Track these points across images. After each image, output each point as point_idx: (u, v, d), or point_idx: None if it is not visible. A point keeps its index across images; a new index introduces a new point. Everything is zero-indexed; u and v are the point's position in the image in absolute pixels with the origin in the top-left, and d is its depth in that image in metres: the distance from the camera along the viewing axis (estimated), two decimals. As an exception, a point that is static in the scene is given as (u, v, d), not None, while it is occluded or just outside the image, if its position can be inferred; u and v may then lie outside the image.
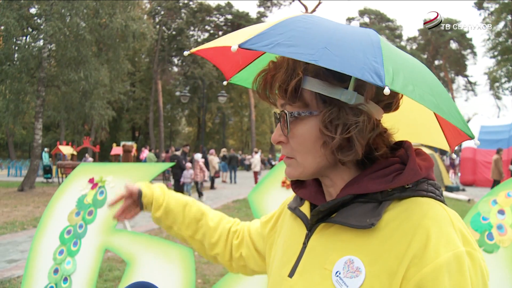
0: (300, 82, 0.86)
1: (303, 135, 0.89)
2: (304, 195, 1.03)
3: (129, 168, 3.06)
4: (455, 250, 0.76)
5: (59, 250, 2.76)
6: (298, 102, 0.88)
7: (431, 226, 0.79)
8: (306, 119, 0.89)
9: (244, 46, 0.75)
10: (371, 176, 0.88)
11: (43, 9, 17.41)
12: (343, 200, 0.89)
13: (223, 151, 25.58)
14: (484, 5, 40.82)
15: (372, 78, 0.70)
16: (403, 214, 0.83)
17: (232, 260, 1.37)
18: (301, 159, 0.92)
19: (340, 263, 0.85)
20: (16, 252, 7.26)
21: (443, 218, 0.81)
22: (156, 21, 44.23)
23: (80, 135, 34.94)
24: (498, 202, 2.68)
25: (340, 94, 0.84)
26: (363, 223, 0.83)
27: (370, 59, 0.74)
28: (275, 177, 3.28)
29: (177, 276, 2.60)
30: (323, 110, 0.86)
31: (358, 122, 0.84)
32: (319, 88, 0.86)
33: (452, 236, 0.78)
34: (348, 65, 0.72)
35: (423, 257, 0.76)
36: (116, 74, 22.37)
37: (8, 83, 17.80)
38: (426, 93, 0.78)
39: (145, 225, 9.95)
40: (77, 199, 2.88)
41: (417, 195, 0.86)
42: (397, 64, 0.78)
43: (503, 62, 38.78)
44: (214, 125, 51.70)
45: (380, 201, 0.86)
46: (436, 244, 0.77)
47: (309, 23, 0.83)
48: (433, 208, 0.83)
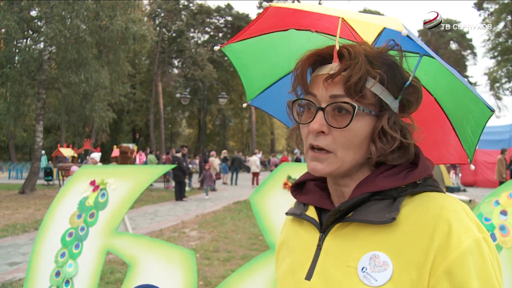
0: (365, 81, 0.90)
1: (357, 130, 0.91)
2: (308, 201, 1.06)
3: (130, 170, 3.06)
4: (474, 236, 0.82)
5: (60, 252, 2.75)
6: (364, 99, 0.90)
7: (451, 217, 0.84)
8: (365, 116, 0.92)
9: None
10: (385, 174, 0.93)
11: (44, 11, 17.43)
12: (361, 198, 0.92)
13: (223, 153, 25.57)
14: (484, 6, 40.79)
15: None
16: (419, 208, 0.88)
17: None
18: (342, 153, 0.92)
19: (365, 259, 0.87)
20: (17, 255, 7.26)
21: (459, 209, 0.86)
22: (156, 23, 44.26)
23: (80, 137, 34.97)
24: (501, 203, 2.67)
25: (392, 102, 0.93)
26: (383, 218, 0.87)
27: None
28: (277, 179, 3.28)
29: (179, 278, 2.60)
30: (381, 113, 0.92)
31: (409, 128, 0.94)
32: (382, 92, 0.92)
33: (469, 225, 0.84)
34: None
35: (448, 245, 0.81)
36: (116, 76, 22.39)
37: (8, 86, 17.82)
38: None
39: (147, 227, 9.95)
40: (78, 202, 2.88)
41: (427, 190, 0.91)
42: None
43: (503, 62, 38.77)
44: (214, 126, 51.69)
45: (395, 198, 0.91)
46: (458, 232, 0.82)
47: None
48: (448, 200, 0.88)
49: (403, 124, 0.94)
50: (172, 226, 10.11)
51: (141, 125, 48.00)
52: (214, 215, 12.03)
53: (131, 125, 48.91)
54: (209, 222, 10.83)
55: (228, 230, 9.74)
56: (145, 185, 2.92)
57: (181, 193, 15.49)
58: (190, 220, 11.13)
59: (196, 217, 11.56)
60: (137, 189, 2.89)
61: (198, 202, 15.03)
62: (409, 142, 0.93)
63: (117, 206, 2.83)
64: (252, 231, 9.50)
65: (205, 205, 14.21)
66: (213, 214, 12.25)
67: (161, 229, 9.67)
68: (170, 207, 13.74)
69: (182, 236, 8.99)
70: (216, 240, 8.66)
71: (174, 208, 13.36)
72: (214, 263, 6.80)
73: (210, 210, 13.02)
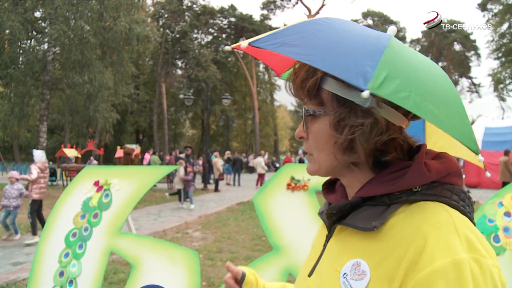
0: (317, 81, 0.89)
1: (318, 132, 0.92)
2: (330, 199, 1.05)
3: (134, 171, 3.06)
4: (453, 256, 0.73)
5: (64, 252, 2.76)
6: (315, 100, 0.91)
7: (429, 231, 0.77)
8: (322, 117, 0.91)
9: (253, 44, 0.80)
10: (379, 180, 0.88)
11: (48, 12, 17.51)
12: (351, 203, 0.90)
13: (227, 154, 25.58)
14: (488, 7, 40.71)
15: (355, 80, 0.72)
16: (406, 219, 0.82)
17: None
18: (317, 155, 0.95)
19: (348, 266, 0.86)
20: (21, 255, 7.29)
21: (445, 223, 0.78)
22: (160, 24, 44.35)
23: (84, 138, 35.03)
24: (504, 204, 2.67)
25: (356, 96, 0.84)
26: (368, 225, 0.84)
27: (364, 62, 0.75)
28: (280, 180, 3.28)
29: (182, 278, 2.60)
30: (338, 111, 0.88)
31: (363, 124, 0.85)
32: (336, 89, 0.87)
33: (452, 242, 0.75)
34: (337, 66, 0.74)
35: (419, 262, 0.75)
36: (120, 77, 22.47)
37: (13, 86, 17.91)
38: (427, 102, 0.77)
39: (150, 227, 9.96)
40: (82, 202, 2.89)
41: (426, 199, 0.84)
42: (398, 70, 0.77)
43: (507, 63, 38.66)
44: (218, 127, 51.75)
45: (388, 205, 0.86)
46: (432, 249, 0.74)
47: (324, 25, 0.86)
48: (437, 212, 0.81)
49: (356, 120, 0.85)
50: (175, 227, 10.12)
51: (144, 125, 48.08)
52: (218, 216, 12.04)
53: (135, 126, 48.99)
54: (212, 223, 10.84)
55: (231, 231, 9.75)
56: (149, 185, 2.93)
57: (184, 193, 15.49)
58: (194, 220, 11.14)
59: (200, 218, 11.56)
60: (141, 190, 2.90)
61: (201, 203, 15.04)
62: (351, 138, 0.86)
63: (120, 206, 2.84)
64: (256, 232, 9.50)
65: (208, 206, 14.22)
66: (216, 215, 12.25)
67: (165, 230, 9.68)
68: (173, 207, 13.75)
69: (186, 237, 8.99)
70: (219, 241, 8.66)
71: (178, 209, 13.38)
72: (217, 264, 6.80)
73: (213, 211, 13.03)
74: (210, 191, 19.67)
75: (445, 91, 0.85)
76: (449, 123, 0.80)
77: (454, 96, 0.88)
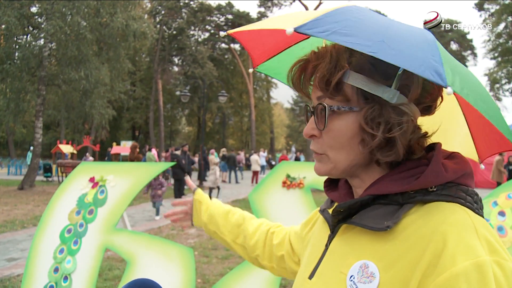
0: (343, 75, 0.84)
1: (340, 130, 0.86)
2: (333, 197, 1.00)
3: (129, 167, 3.06)
4: (476, 258, 0.69)
5: (59, 249, 2.76)
6: (339, 96, 0.85)
7: (449, 232, 0.73)
8: (345, 114, 0.85)
9: (300, 30, 0.72)
10: (393, 177, 0.85)
11: (44, 8, 17.42)
12: (361, 201, 0.86)
13: (222, 151, 25.58)
14: (485, 6, 40.77)
15: (433, 76, 0.66)
16: (422, 219, 0.78)
17: (272, 261, 1.37)
18: (334, 155, 0.88)
19: (355, 267, 0.82)
20: (16, 251, 7.27)
21: (465, 224, 0.75)
22: (156, 20, 44.19)
23: (80, 134, 34.95)
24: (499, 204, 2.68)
25: (383, 92, 0.81)
26: (380, 225, 0.80)
27: (428, 56, 0.70)
28: (276, 178, 3.29)
29: (177, 275, 2.61)
30: (365, 107, 0.83)
31: (401, 122, 0.81)
32: (362, 83, 0.83)
33: (473, 244, 0.71)
34: (407, 60, 0.69)
35: (438, 265, 0.71)
36: (116, 73, 22.39)
37: (8, 82, 17.82)
38: (478, 98, 0.75)
39: (145, 224, 9.96)
40: (77, 198, 2.89)
41: (441, 200, 0.80)
42: (452, 66, 0.74)
43: (503, 63, 38.74)
44: (214, 124, 51.68)
45: (401, 204, 0.83)
46: (453, 251, 0.71)
47: (362, 14, 0.81)
48: (455, 213, 0.77)
49: (391, 116, 0.81)
50: (170, 224, 10.11)
51: (140, 122, 47.96)
52: (213, 213, 12.02)
53: (131, 123, 48.86)
54: (208, 220, 10.82)
55: (226, 228, 9.74)
56: (144, 182, 2.93)
57: (180, 190, 15.48)
58: (189, 218, 11.12)
59: (195, 215, 11.54)
60: (136, 186, 2.90)
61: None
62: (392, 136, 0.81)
63: (116, 203, 2.84)
64: (251, 229, 9.50)
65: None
66: (212, 212, 12.24)
67: (160, 227, 9.67)
68: (169, 204, 13.74)
69: (181, 234, 8.99)
70: (214, 238, 8.64)
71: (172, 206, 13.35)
72: (212, 261, 6.80)
73: (209, 208, 13.01)
74: (205, 188, 19.65)
75: (481, 87, 0.84)
76: (497, 118, 0.79)
77: (488, 93, 0.85)
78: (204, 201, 1.56)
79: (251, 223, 1.44)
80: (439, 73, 0.67)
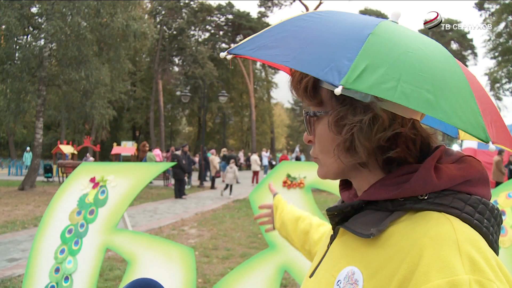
0: (312, 80, 0.84)
1: (321, 135, 0.86)
2: (344, 197, 0.98)
3: (130, 167, 3.06)
4: (451, 277, 0.64)
5: (60, 249, 2.76)
6: (315, 100, 0.85)
7: (426, 246, 0.69)
8: (323, 118, 0.85)
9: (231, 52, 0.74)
10: (385, 183, 0.81)
11: (44, 8, 17.41)
12: (352, 205, 0.85)
13: (223, 151, 25.59)
14: (485, 6, 40.75)
15: (329, 76, 0.66)
16: (406, 228, 0.75)
17: None
18: (323, 159, 0.89)
19: (343, 272, 0.81)
20: (17, 251, 7.27)
21: (447, 238, 0.69)
22: (157, 20, 44.19)
23: (80, 135, 34.98)
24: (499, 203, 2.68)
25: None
26: (366, 231, 0.78)
27: (342, 55, 0.69)
28: (276, 177, 3.29)
29: (178, 275, 2.61)
30: (335, 110, 0.81)
31: (360, 121, 0.77)
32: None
33: (450, 261, 0.66)
34: (313, 64, 0.69)
35: (412, 279, 0.67)
36: (117, 73, 22.38)
37: (9, 82, 17.81)
38: (421, 89, 0.68)
39: (146, 224, 9.96)
40: (78, 198, 2.89)
41: (432, 209, 0.76)
42: (384, 58, 0.70)
43: (503, 63, 38.73)
44: (214, 125, 51.66)
45: (391, 211, 0.79)
46: (428, 267, 0.67)
47: (309, 21, 0.80)
48: (439, 225, 0.72)
49: (354, 118, 0.78)
50: (171, 224, 10.12)
51: (141, 122, 47.97)
52: (214, 213, 12.04)
53: (131, 123, 48.88)
54: (209, 220, 10.84)
55: (227, 228, 9.75)
56: (145, 182, 2.93)
57: (181, 190, 15.50)
58: (190, 218, 11.14)
59: (196, 215, 11.56)
60: (137, 187, 2.90)
61: (198, 200, 15.04)
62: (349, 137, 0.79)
63: (116, 203, 2.84)
64: (251, 229, 9.51)
65: (204, 203, 14.22)
66: (212, 212, 12.26)
67: (161, 227, 9.68)
68: (169, 204, 13.74)
69: (181, 234, 9.00)
70: (215, 238, 8.66)
71: (174, 206, 13.37)
72: (213, 261, 6.81)
73: (209, 208, 13.03)
74: (206, 188, 19.67)
75: (446, 75, 0.74)
76: (451, 111, 0.70)
77: (458, 79, 0.76)
78: (279, 207, 1.65)
79: (318, 230, 1.46)
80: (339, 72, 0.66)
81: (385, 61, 0.70)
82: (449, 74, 0.75)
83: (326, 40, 0.74)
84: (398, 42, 0.75)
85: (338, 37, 0.74)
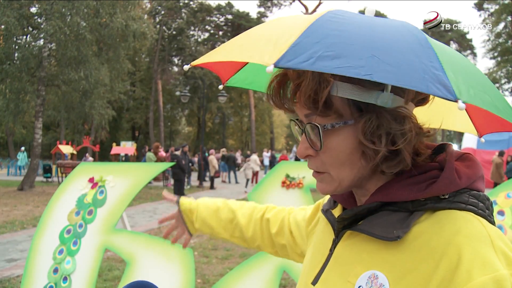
0: (330, 89, 0.75)
1: (338, 147, 0.79)
2: (337, 198, 0.96)
3: (129, 168, 3.06)
4: (494, 273, 0.66)
5: (59, 249, 2.76)
6: (329, 112, 0.77)
7: (464, 245, 0.69)
8: (340, 129, 0.78)
9: (280, 65, 0.62)
10: (402, 183, 0.79)
11: (44, 8, 17.40)
12: (368, 208, 0.82)
13: (222, 151, 25.58)
14: (484, 6, 40.82)
15: (440, 91, 0.61)
16: (434, 228, 0.74)
17: (275, 247, 1.37)
18: (336, 173, 0.82)
19: (363, 278, 0.78)
20: (15, 251, 7.26)
21: (480, 236, 0.70)
22: (156, 20, 44.22)
23: (80, 135, 34.94)
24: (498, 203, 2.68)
25: (376, 98, 0.73)
26: (389, 234, 0.76)
27: (427, 64, 0.64)
28: (275, 177, 3.29)
29: (177, 275, 2.61)
30: (360, 119, 0.76)
31: (404, 131, 0.74)
32: (352, 93, 0.75)
33: (490, 257, 0.67)
34: (407, 76, 0.62)
35: (453, 280, 0.67)
36: (116, 73, 22.39)
37: (8, 82, 17.80)
38: (481, 91, 0.69)
39: (145, 224, 9.96)
40: (77, 199, 2.89)
41: (453, 208, 0.76)
42: (449, 63, 0.67)
43: (503, 63, 38.82)
44: (214, 125, 51.68)
45: (411, 211, 0.78)
46: (469, 265, 0.67)
47: (340, 23, 0.71)
48: (469, 223, 0.72)
49: (392, 127, 0.74)
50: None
51: (140, 122, 47.98)
52: (213, 213, 12.03)
53: (131, 123, 48.89)
54: (208, 220, 10.82)
55: (226, 228, 9.74)
56: (144, 182, 2.93)
57: (180, 191, 15.48)
58: (189, 218, 11.13)
59: (195, 215, 11.55)
60: (136, 187, 2.90)
61: (197, 200, 15.03)
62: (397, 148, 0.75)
63: (115, 203, 2.84)
64: (251, 229, 9.50)
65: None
66: (211, 212, 12.24)
67: (160, 227, 9.67)
68: (169, 205, 13.73)
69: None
70: (214, 238, 8.65)
71: (173, 206, 13.24)
72: (212, 261, 6.80)
73: (208, 208, 13.02)
74: (205, 188, 19.66)
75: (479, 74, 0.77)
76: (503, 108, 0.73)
77: (485, 77, 0.79)
78: (193, 209, 1.56)
79: (242, 214, 1.44)
80: (445, 85, 0.62)
81: (454, 67, 0.68)
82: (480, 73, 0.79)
83: (390, 45, 0.67)
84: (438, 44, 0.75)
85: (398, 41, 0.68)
